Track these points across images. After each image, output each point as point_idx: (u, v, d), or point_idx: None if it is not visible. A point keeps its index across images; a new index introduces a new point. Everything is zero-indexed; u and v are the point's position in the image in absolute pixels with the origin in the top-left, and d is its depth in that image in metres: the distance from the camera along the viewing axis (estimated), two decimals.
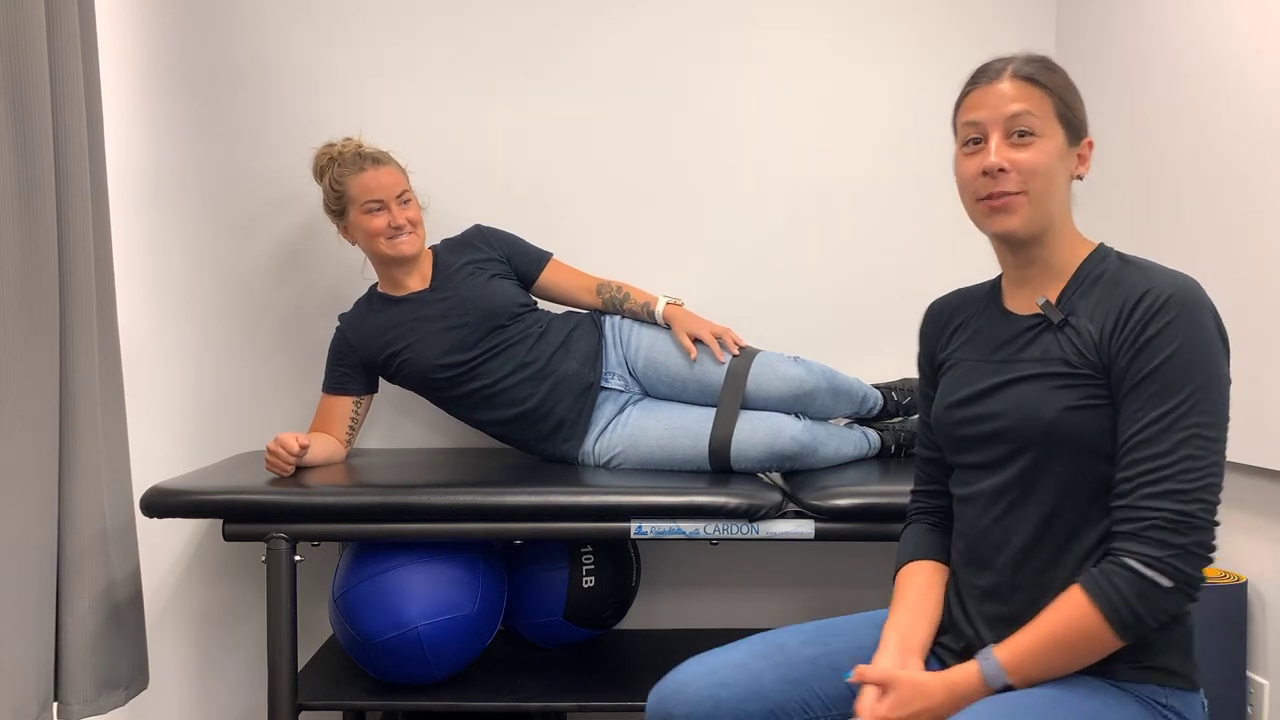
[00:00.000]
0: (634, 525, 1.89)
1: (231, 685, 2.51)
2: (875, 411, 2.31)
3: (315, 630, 2.50)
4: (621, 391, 2.23)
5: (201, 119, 2.45)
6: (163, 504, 1.87)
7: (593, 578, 2.17)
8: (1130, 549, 1.18)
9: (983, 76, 1.33)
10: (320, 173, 2.22)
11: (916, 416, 2.37)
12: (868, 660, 1.36)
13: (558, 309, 2.37)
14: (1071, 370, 1.26)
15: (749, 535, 1.91)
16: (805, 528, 1.91)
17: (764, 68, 2.50)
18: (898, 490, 1.93)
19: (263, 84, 2.45)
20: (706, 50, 2.49)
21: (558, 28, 2.47)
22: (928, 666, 1.36)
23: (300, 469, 2.05)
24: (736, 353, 2.18)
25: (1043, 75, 1.31)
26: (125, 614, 2.04)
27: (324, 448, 2.15)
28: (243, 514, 1.88)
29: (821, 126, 2.51)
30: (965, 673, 1.25)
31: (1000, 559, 1.32)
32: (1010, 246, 1.34)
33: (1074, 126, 1.32)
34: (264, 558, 1.88)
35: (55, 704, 1.91)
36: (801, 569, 2.56)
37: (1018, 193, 1.29)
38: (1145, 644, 1.23)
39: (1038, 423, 1.27)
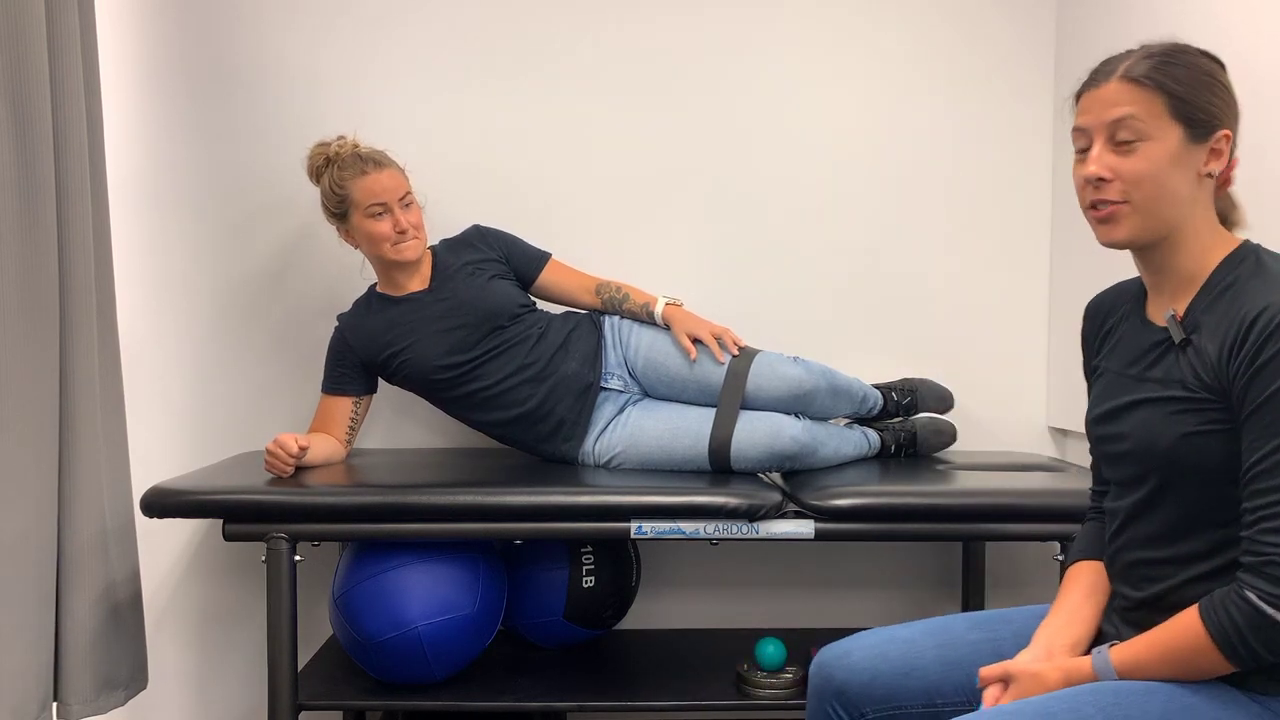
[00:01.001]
0: (634, 525, 1.89)
1: (231, 685, 2.51)
2: (875, 411, 2.32)
3: (315, 630, 2.50)
4: (621, 392, 2.23)
5: (201, 119, 2.45)
6: (163, 504, 1.87)
7: (593, 578, 2.17)
8: (1251, 582, 1.15)
9: (1092, 78, 1.28)
10: (316, 173, 2.20)
11: (916, 416, 2.38)
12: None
13: (557, 309, 2.37)
14: (1189, 395, 1.22)
15: (749, 535, 1.91)
16: (805, 528, 1.91)
17: (764, 67, 2.50)
18: (898, 490, 1.93)
19: (262, 84, 2.45)
20: (706, 49, 2.49)
21: (557, 27, 2.47)
22: None
23: (300, 469, 2.05)
24: (736, 353, 2.18)
25: (1154, 73, 1.23)
26: (125, 614, 2.04)
27: (323, 448, 2.15)
28: (243, 514, 1.88)
29: (822, 126, 2.51)
30: (1081, 664, 1.26)
31: (1136, 575, 1.31)
32: (1135, 254, 1.30)
33: (1197, 122, 1.23)
34: (264, 558, 1.88)
35: (55, 704, 1.91)
36: (801, 569, 2.56)
37: (1121, 202, 1.24)
38: None
39: (1157, 450, 1.24)
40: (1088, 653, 1.33)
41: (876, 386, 2.34)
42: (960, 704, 1.39)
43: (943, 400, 2.40)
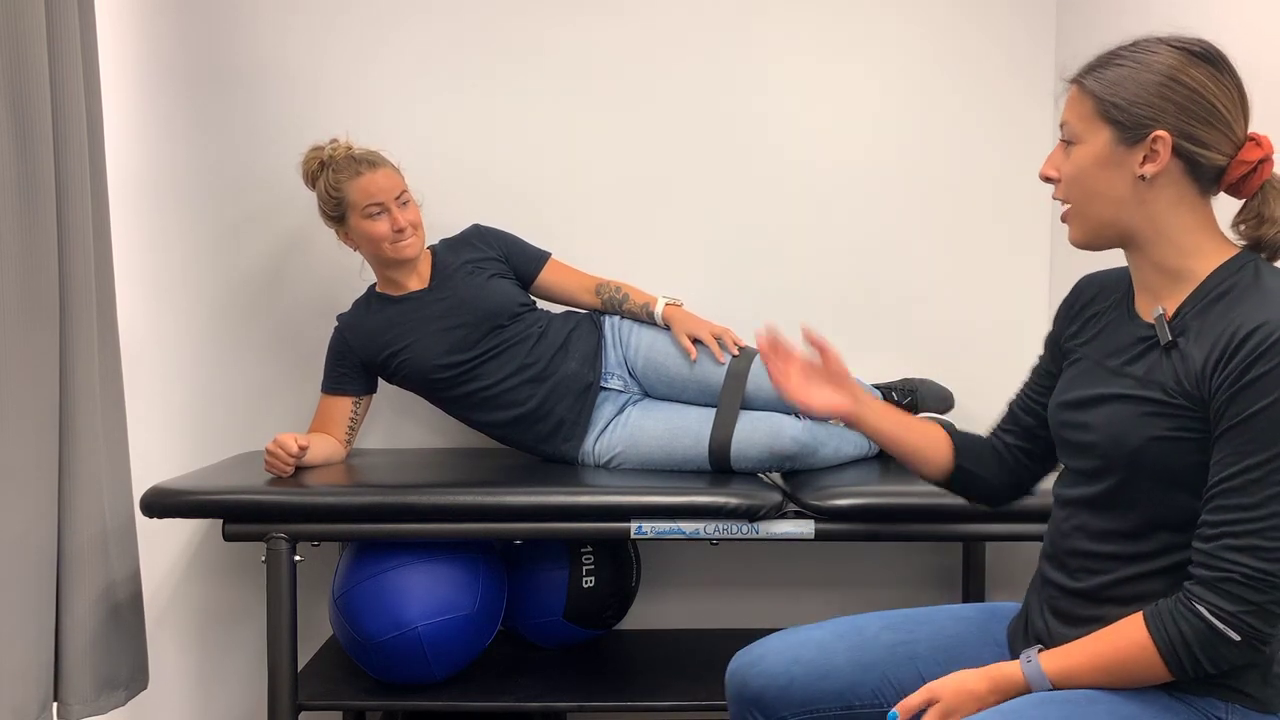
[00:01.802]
0: (634, 525, 1.89)
1: (231, 685, 2.51)
2: None
3: (315, 630, 2.49)
4: (621, 392, 2.23)
5: (201, 119, 2.45)
6: (163, 504, 1.87)
7: (593, 578, 2.17)
8: (1204, 596, 1.13)
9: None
10: (311, 178, 2.19)
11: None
12: (946, 652, 1.37)
13: (557, 309, 2.37)
14: (1166, 398, 1.19)
15: (749, 535, 1.91)
16: (805, 528, 1.91)
17: (764, 66, 2.49)
18: (898, 490, 1.93)
19: (262, 84, 2.45)
20: (706, 48, 2.49)
21: (557, 26, 2.47)
22: (1012, 654, 1.37)
23: (300, 469, 2.05)
24: (736, 353, 2.18)
25: (1088, 75, 1.25)
26: (125, 614, 2.04)
27: (323, 448, 2.15)
28: (243, 514, 1.88)
29: (822, 126, 2.51)
30: (1009, 671, 1.24)
31: (1075, 564, 1.30)
32: (1124, 251, 1.29)
33: (1124, 125, 1.21)
34: (264, 558, 1.88)
35: (55, 704, 1.91)
36: (801, 569, 2.56)
37: (1065, 202, 1.27)
38: None
39: (1124, 447, 1.22)
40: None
41: (876, 386, 2.34)
42: (875, 707, 1.37)
43: (943, 400, 2.40)
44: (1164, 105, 1.20)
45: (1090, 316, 1.38)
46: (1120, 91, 1.22)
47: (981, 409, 2.52)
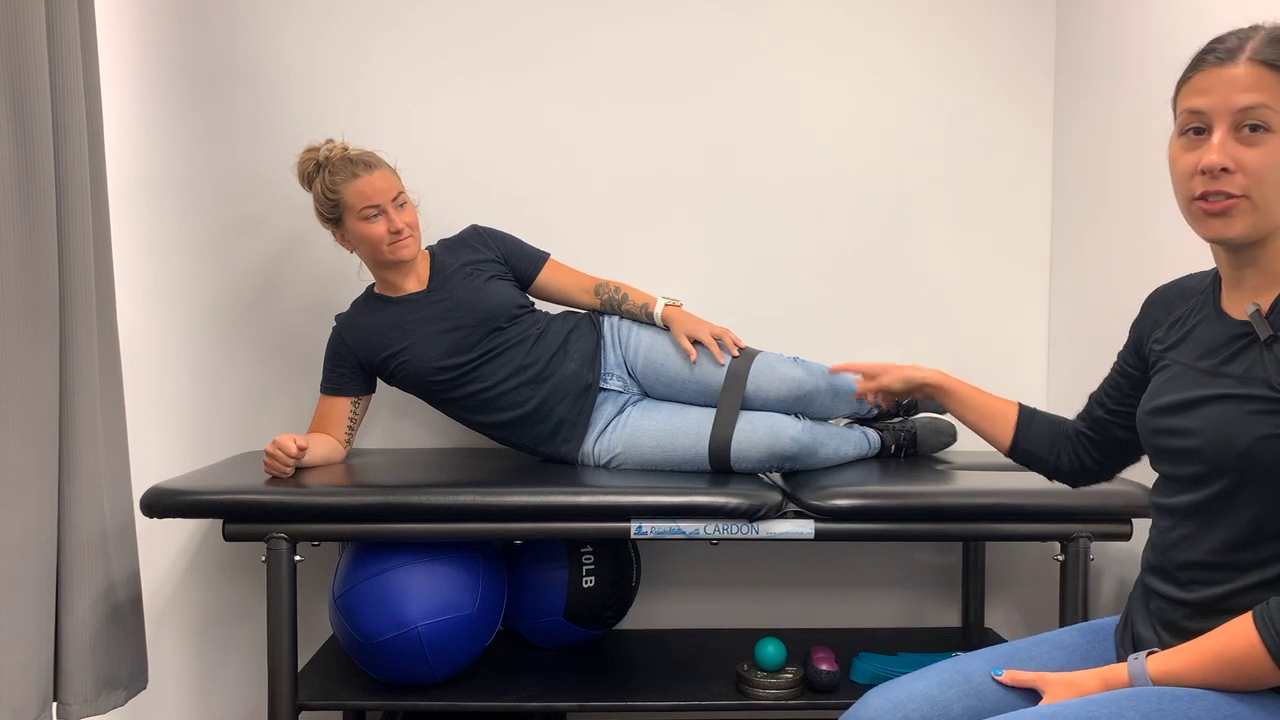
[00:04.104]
0: (634, 525, 1.89)
1: (231, 685, 2.51)
2: (875, 411, 2.32)
3: (315, 630, 2.50)
4: (620, 392, 2.23)
5: (201, 119, 2.45)
6: (163, 504, 1.87)
7: (593, 578, 2.17)
8: None
9: (1212, 55, 1.15)
10: (307, 180, 2.18)
11: (916, 417, 2.38)
12: (1038, 667, 1.34)
13: (556, 309, 2.37)
14: (1273, 394, 1.14)
15: (749, 535, 1.91)
16: (805, 528, 1.91)
17: (763, 66, 2.50)
18: (898, 490, 1.93)
19: (262, 84, 2.45)
20: (705, 48, 2.49)
21: (555, 26, 2.47)
22: (1117, 657, 1.35)
23: (300, 469, 2.05)
24: (736, 354, 2.17)
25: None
26: (125, 614, 2.04)
27: (323, 448, 2.15)
28: (243, 514, 1.88)
29: (821, 126, 2.51)
30: (1116, 673, 1.22)
31: (1185, 576, 1.25)
32: (1227, 249, 1.22)
33: None
34: (264, 558, 1.89)
35: (55, 704, 1.91)
36: (801, 569, 2.56)
37: (1241, 196, 1.14)
38: None
39: (1231, 449, 1.16)
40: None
41: None
42: None
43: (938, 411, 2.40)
44: None
45: (1174, 321, 1.34)
46: None
47: None
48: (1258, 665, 1.12)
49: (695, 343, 2.18)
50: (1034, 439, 1.61)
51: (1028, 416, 1.63)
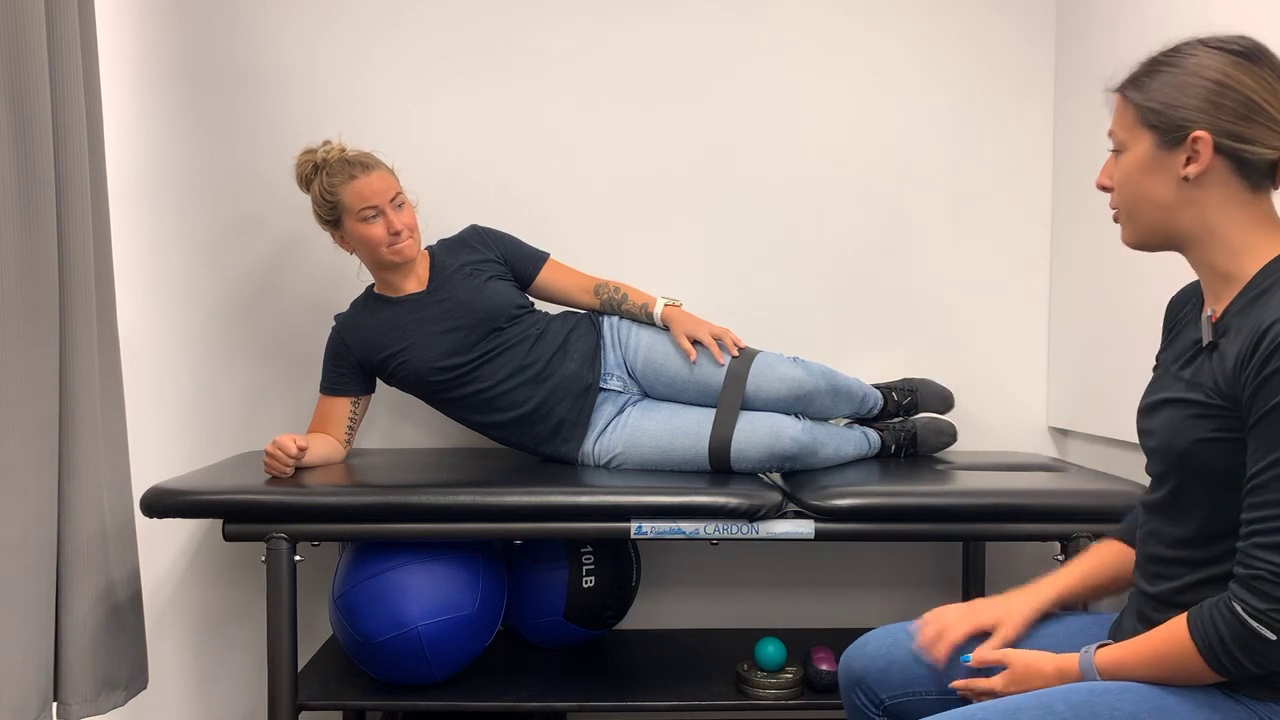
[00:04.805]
0: (634, 525, 1.89)
1: (231, 685, 2.51)
2: (875, 411, 2.32)
3: (315, 630, 2.50)
4: (620, 392, 2.23)
5: (201, 119, 2.45)
6: (163, 504, 1.87)
7: (593, 578, 2.17)
8: (1239, 595, 1.14)
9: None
10: (305, 181, 2.18)
11: (917, 417, 2.38)
12: (1037, 643, 1.41)
13: (555, 309, 2.37)
14: (1207, 399, 1.21)
15: (749, 535, 1.91)
16: (805, 528, 1.91)
17: (764, 67, 2.50)
18: (898, 490, 1.93)
19: (262, 84, 2.45)
20: (705, 49, 2.49)
21: (555, 26, 2.47)
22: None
23: (300, 469, 2.05)
24: (736, 354, 2.17)
25: (1128, 84, 1.27)
26: (125, 614, 2.04)
27: (322, 448, 2.15)
28: (243, 514, 1.88)
29: (821, 126, 2.51)
30: (1070, 661, 1.29)
31: (1151, 569, 1.32)
32: (1178, 253, 1.31)
33: (1163, 129, 1.22)
34: (264, 558, 1.89)
35: (55, 704, 1.91)
36: (801, 569, 2.56)
37: (1116, 209, 1.30)
38: None
39: (1174, 450, 1.24)
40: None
41: (877, 386, 2.34)
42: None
43: (943, 400, 2.40)
44: (1201, 105, 1.21)
45: (1173, 326, 1.41)
46: (1157, 97, 1.23)
47: (981, 410, 2.53)
48: (1193, 664, 1.18)
49: (695, 343, 2.18)
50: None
51: (1124, 530, 1.51)
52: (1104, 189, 1.30)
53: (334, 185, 2.13)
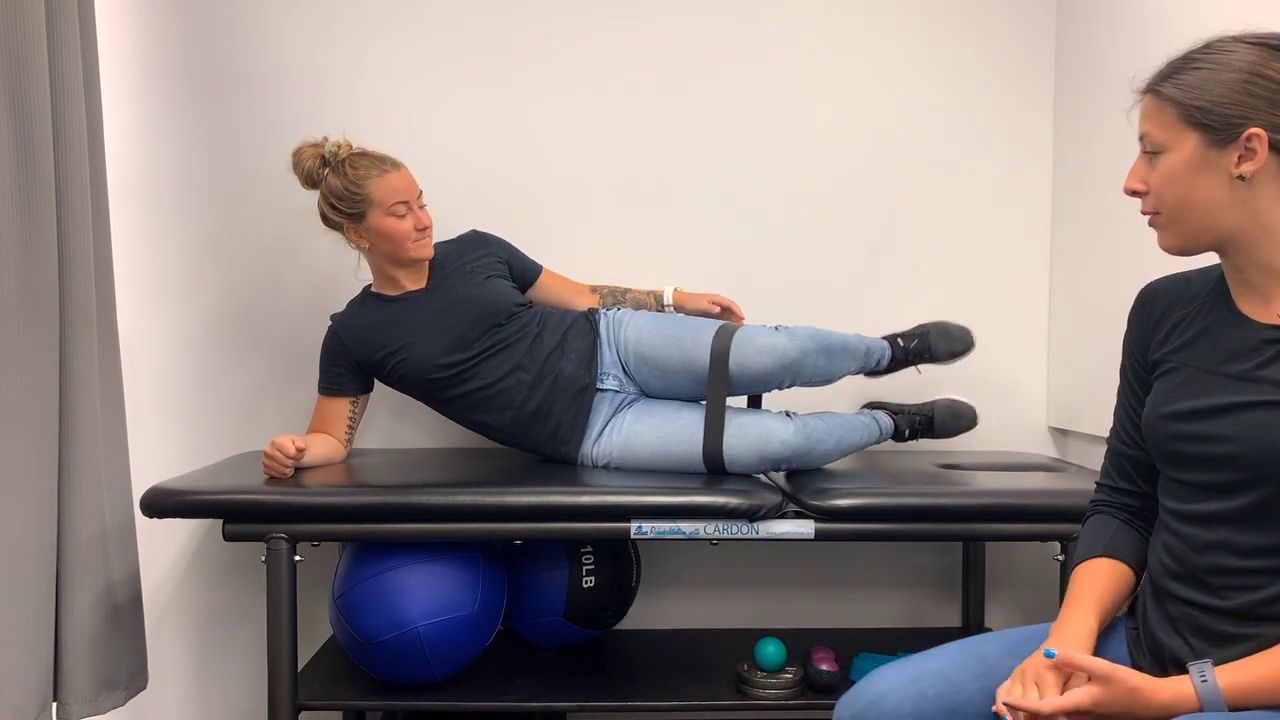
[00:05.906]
0: (634, 525, 1.89)
1: (231, 685, 2.51)
2: (884, 364, 2.26)
3: (315, 630, 2.50)
4: (617, 392, 2.22)
5: (201, 119, 2.45)
6: (163, 504, 1.87)
7: (593, 578, 2.17)
8: None
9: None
10: (308, 176, 2.16)
11: (935, 400, 2.34)
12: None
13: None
14: None
15: (749, 535, 1.91)
16: (805, 528, 1.91)
17: (763, 67, 2.50)
18: (898, 490, 1.93)
19: (262, 84, 2.45)
20: (705, 48, 2.49)
21: (556, 25, 2.48)
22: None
23: (299, 470, 2.05)
24: (743, 317, 2.28)
25: (1163, 82, 1.22)
26: (125, 614, 2.04)
27: (322, 448, 2.15)
28: (243, 514, 1.88)
29: (822, 126, 2.51)
30: (1180, 689, 1.16)
31: (1219, 581, 1.23)
32: (1218, 254, 1.25)
33: (1212, 126, 1.18)
34: (264, 558, 1.89)
35: (55, 704, 1.91)
36: (801, 569, 2.56)
37: (1155, 212, 1.24)
38: None
39: (1273, 456, 1.16)
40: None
41: (885, 338, 2.28)
42: None
43: (956, 339, 2.28)
44: (1253, 102, 1.18)
45: (1174, 324, 1.34)
46: (1203, 94, 1.19)
47: (981, 410, 2.54)
48: None
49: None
50: (1130, 548, 1.40)
51: (1113, 546, 1.40)
52: (1135, 194, 1.25)
53: (361, 178, 2.11)
